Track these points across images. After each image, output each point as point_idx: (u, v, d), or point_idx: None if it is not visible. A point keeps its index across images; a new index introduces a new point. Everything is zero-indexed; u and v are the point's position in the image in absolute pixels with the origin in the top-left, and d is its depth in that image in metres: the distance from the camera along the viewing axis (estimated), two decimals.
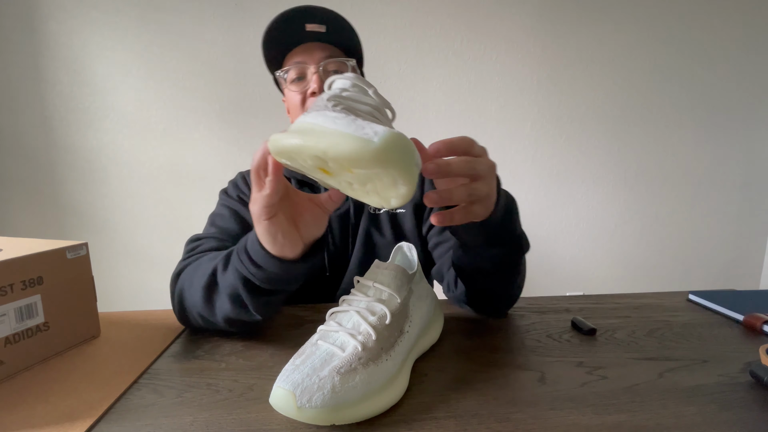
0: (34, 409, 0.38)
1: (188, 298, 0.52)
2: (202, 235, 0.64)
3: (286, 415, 0.34)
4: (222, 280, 0.48)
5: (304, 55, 0.66)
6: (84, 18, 1.44)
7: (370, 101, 0.37)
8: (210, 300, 0.49)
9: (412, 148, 0.31)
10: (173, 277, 0.56)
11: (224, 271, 0.48)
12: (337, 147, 0.30)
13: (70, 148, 1.51)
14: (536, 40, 1.58)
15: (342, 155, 0.30)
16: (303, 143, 0.31)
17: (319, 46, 0.67)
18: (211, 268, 0.49)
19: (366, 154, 0.29)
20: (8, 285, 0.43)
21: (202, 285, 0.49)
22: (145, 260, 1.59)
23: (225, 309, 0.48)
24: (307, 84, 0.66)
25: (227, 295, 0.47)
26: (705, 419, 0.34)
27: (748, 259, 1.83)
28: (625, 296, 0.66)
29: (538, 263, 1.73)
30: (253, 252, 0.43)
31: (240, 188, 0.74)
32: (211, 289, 0.49)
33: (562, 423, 0.34)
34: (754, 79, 1.69)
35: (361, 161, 0.30)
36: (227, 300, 0.47)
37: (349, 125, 0.30)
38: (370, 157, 0.29)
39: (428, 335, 0.47)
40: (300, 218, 0.42)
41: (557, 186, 1.69)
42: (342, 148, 0.30)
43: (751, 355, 0.46)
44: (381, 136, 0.29)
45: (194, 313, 0.52)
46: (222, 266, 0.48)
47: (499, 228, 0.45)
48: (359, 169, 0.32)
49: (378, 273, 0.43)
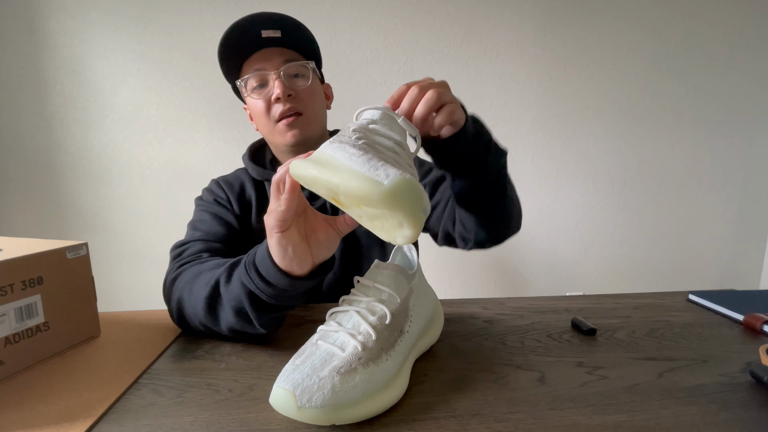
0: (34, 409, 0.38)
1: (189, 308, 0.51)
2: (186, 239, 0.64)
3: (286, 415, 0.34)
4: (226, 293, 0.47)
5: (262, 62, 0.67)
6: (84, 18, 1.44)
7: (395, 136, 0.38)
8: (213, 311, 0.49)
9: (419, 195, 0.32)
10: (167, 284, 0.55)
11: (227, 283, 0.47)
12: (348, 184, 0.31)
13: (70, 148, 1.51)
14: (536, 40, 1.58)
15: (351, 193, 0.32)
16: (318, 175, 0.33)
17: (277, 51, 0.67)
18: (214, 279, 0.49)
19: (374, 195, 0.31)
20: (8, 285, 0.43)
21: (205, 296, 0.49)
22: (145, 260, 1.59)
23: (229, 321, 0.48)
24: (270, 90, 0.66)
25: (231, 308, 0.47)
26: (705, 419, 0.34)
27: (748, 259, 1.83)
28: (625, 296, 0.66)
29: (538, 263, 1.73)
30: (262, 266, 0.43)
31: (215, 192, 0.74)
32: (214, 300, 0.49)
33: (562, 423, 0.34)
34: (754, 79, 1.69)
35: (369, 201, 0.32)
36: (231, 312, 0.47)
37: (364, 164, 0.32)
38: (378, 198, 0.31)
39: (428, 335, 0.47)
40: (313, 236, 0.43)
41: (557, 186, 1.69)
42: (352, 185, 0.31)
43: (751, 355, 0.46)
44: (391, 180, 0.31)
45: (195, 322, 0.51)
46: (225, 278, 0.48)
47: (476, 134, 0.49)
48: (367, 207, 0.33)
49: (378, 273, 0.43)
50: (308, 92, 0.69)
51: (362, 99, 1.53)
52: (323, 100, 0.74)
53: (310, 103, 0.69)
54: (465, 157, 0.50)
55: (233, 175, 0.77)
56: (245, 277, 0.45)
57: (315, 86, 0.71)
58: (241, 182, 0.75)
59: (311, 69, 0.69)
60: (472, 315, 0.59)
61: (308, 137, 0.69)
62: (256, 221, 0.72)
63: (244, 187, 0.74)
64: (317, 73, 0.72)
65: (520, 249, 1.72)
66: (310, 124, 0.69)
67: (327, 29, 1.49)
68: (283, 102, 0.66)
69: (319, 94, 0.72)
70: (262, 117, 0.68)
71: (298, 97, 0.67)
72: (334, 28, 1.50)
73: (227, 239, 0.65)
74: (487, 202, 0.56)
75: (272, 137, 0.70)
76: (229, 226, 0.68)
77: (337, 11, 1.49)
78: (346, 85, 1.52)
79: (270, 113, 0.67)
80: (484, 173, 0.52)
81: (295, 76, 0.68)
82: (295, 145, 0.69)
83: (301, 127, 0.68)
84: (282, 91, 0.64)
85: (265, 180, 0.74)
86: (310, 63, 0.69)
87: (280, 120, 0.66)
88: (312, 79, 0.69)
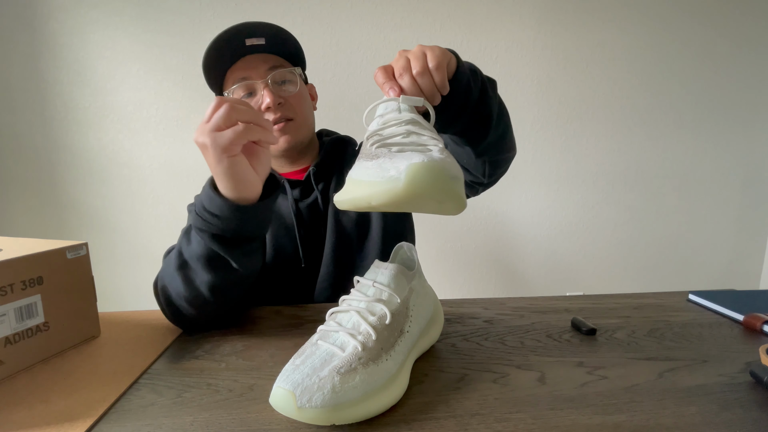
0: (34, 409, 0.38)
1: (172, 291, 0.52)
2: (177, 245, 0.64)
3: (286, 415, 0.34)
4: (190, 252, 0.48)
5: (247, 70, 0.67)
6: (84, 18, 1.44)
7: (405, 116, 0.38)
8: (188, 278, 0.50)
9: (440, 168, 0.32)
10: (154, 284, 0.56)
11: (189, 244, 0.49)
12: (377, 197, 0.32)
13: (70, 148, 1.51)
14: (536, 40, 1.58)
15: (382, 203, 0.33)
16: (353, 198, 0.35)
17: (262, 58, 0.68)
18: (177, 250, 0.51)
19: (397, 195, 0.31)
20: (8, 285, 0.43)
21: (175, 267, 0.50)
22: (145, 260, 1.59)
23: (206, 278, 0.49)
24: (259, 99, 0.67)
25: (202, 264, 0.48)
26: (705, 419, 0.34)
27: (748, 259, 1.83)
28: (625, 296, 0.66)
29: (538, 263, 1.73)
30: (212, 207, 0.44)
31: None
32: (185, 266, 0.50)
33: (562, 423, 0.34)
34: (754, 79, 1.69)
35: (399, 201, 0.32)
36: (204, 268, 0.48)
37: (376, 171, 0.33)
38: (403, 195, 0.31)
39: (428, 335, 0.47)
40: (253, 157, 0.45)
41: (557, 186, 1.69)
42: (379, 197, 0.32)
43: (751, 355, 0.46)
44: (404, 171, 0.31)
45: (182, 302, 0.52)
46: (185, 242, 0.49)
47: (471, 73, 0.47)
48: (403, 204, 0.34)
49: (378, 273, 0.43)
50: (297, 98, 0.70)
51: (363, 99, 1.53)
52: (310, 103, 0.76)
53: (300, 109, 0.71)
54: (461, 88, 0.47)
55: None
56: (201, 224, 0.46)
57: (303, 91, 0.72)
58: None
59: (298, 74, 0.70)
60: (472, 315, 0.59)
61: (300, 141, 0.72)
62: None
63: None
64: (303, 76, 0.73)
65: (520, 249, 1.72)
66: (300, 128, 0.71)
67: (327, 29, 1.49)
68: (273, 111, 0.66)
69: (306, 99, 0.73)
70: None
71: (288, 104, 0.68)
72: (334, 28, 1.50)
73: None
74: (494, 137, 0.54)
75: None
76: None
77: (337, 11, 1.49)
78: (346, 85, 1.52)
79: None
80: (486, 106, 0.50)
81: (282, 82, 0.69)
82: (288, 149, 0.71)
83: (292, 132, 0.70)
84: (272, 100, 0.65)
85: None
86: (297, 69, 0.71)
87: None
88: (299, 84, 0.70)
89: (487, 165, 0.59)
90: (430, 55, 0.41)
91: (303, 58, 0.74)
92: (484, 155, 0.56)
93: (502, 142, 0.56)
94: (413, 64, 0.40)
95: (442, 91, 0.42)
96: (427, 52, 0.41)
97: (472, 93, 0.46)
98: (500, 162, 0.60)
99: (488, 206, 1.67)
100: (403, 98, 0.39)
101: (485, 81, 0.49)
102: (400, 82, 0.40)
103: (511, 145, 0.60)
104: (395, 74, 0.41)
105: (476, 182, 0.63)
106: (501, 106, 0.54)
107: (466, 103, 0.46)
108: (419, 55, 0.41)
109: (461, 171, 0.36)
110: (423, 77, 0.40)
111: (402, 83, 0.40)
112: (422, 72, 0.40)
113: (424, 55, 0.41)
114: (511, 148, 0.60)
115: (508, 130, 0.57)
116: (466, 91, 0.45)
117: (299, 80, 0.71)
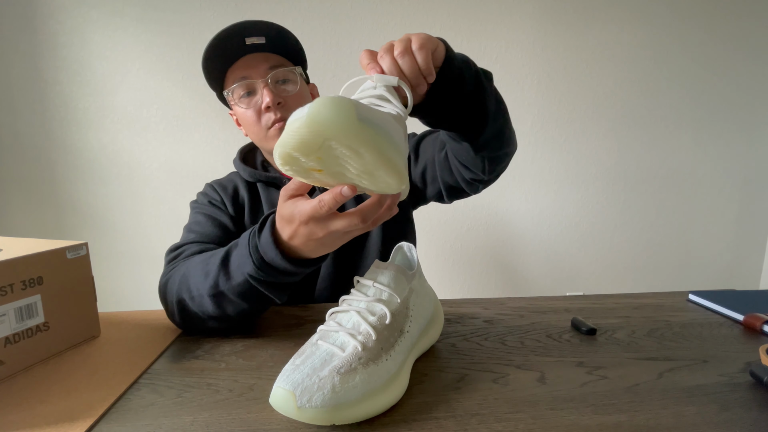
0: (34, 409, 0.38)
1: (194, 307, 0.52)
2: (181, 242, 0.64)
3: (286, 415, 0.34)
4: (229, 287, 0.48)
5: (247, 69, 0.67)
6: (84, 18, 1.44)
7: (376, 92, 0.38)
8: (221, 305, 0.50)
9: (348, 104, 0.29)
10: (163, 287, 0.56)
11: (228, 279, 0.48)
12: (289, 142, 0.31)
13: (70, 148, 1.51)
14: (536, 40, 1.58)
15: (293, 146, 0.31)
16: (278, 153, 0.33)
17: (262, 57, 0.67)
18: (210, 282, 0.49)
19: (301, 134, 0.30)
20: (8, 285, 0.43)
21: (208, 294, 0.50)
22: (145, 260, 1.59)
23: (242, 307, 0.50)
24: (259, 99, 0.67)
25: (242, 298, 0.49)
26: (705, 419, 0.34)
27: (748, 259, 1.83)
28: (625, 296, 0.66)
29: (538, 263, 1.73)
30: (281, 264, 0.44)
31: (209, 195, 0.75)
32: (221, 296, 0.49)
33: (562, 423, 0.34)
34: (754, 79, 1.69)
35: (306, 142, 0.30)
36: (243, 300, 0.49)
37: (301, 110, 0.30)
38: (307, 133, 0.29)
39: (428, 335, 0.47)
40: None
41: (557, 186, 1.69)
42: (289, 139, 0.31)
43: (751, 355, 0.46)
44: (308, 106, 0.29)
45: (205, 319, 0.52)
46: (222, 276, 0.49)
47: (463, 63, 0.45)
48: (313, 148, 0.31)
49: (378, 273, 0.43)
50: (297, 98, 0.70)
51: None
52: None
53: None
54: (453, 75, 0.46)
55: (227, 179, 0.78)
56: (259, 275, 0.46)
57: (303, 91, 0.71)
58: (234, 185, 0.76)
59: (298, 74, 0.70)
60: (472, 315, 0.59)
61: None
62: (249, 222, 0.73)
63: (237, 189, 0.75)
64: (304, 76, 0.73)
65: (520, 249, 1.72)
66: None
67: (327, 29, 1.49)
68: (273, 110, 0.66)
69: (307, 98, 0.73)
70: (252, 125, 0.69)
71: (288, 104, 0.68)
72: (334, 28, 1.49)
73: (222, 240, 0.66)
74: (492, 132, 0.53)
75: (264, 143, 0.70)
76: (224, 227, 0.69)
77: (337, 11, 1.49)
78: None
79: (261, 121, 0.68)
80: (483, 98, 0.49)
81: (283, 81, 0.69)
82: None
83: None
84: (272, 100, 0.65)
85: (257, 181, 0.75)
86: (297, 68, 0.70)
87: (271, 127, 0.67)
88: (300, 84, 0.70)
89: (487, 161, 0.58)
90: (414, 38, 0.41)
91: (304, 57, 0.73)
92: (483, 151, 0.55)
93: (501, 136, 0.55)
94: (396, 45, 0.40)
95: (427, 76, 0.41)
96: (412, 36, 0.41)
97: (465, 82, 0.45)
98: (500, 158, 0.59)
99: (488, 206, 1.67)
100: (377, 77, 0.39)
101: (480, 72, 0.48)
102: (380, 63, 0.40)
103: (511, 141, 0.59)
104: (378, 55, 0.41)
105: (476, 179, 0.63)
106: (498, 99, 0.53)
107: (460, 93, 0.45)
108: (403, 39, 0.41)
109: (399, 130, 0.34)
110: (404, 57, 0.39)
111: (382, 63, 0.40)
112: (403, 52, 0.39)
113: (409, 39, 0.41)
114: (510, 143, 0.59)
115: (507, 125, 0.56)
116: (458, 79, 0.44)
117: (300, 79, 0.70)
